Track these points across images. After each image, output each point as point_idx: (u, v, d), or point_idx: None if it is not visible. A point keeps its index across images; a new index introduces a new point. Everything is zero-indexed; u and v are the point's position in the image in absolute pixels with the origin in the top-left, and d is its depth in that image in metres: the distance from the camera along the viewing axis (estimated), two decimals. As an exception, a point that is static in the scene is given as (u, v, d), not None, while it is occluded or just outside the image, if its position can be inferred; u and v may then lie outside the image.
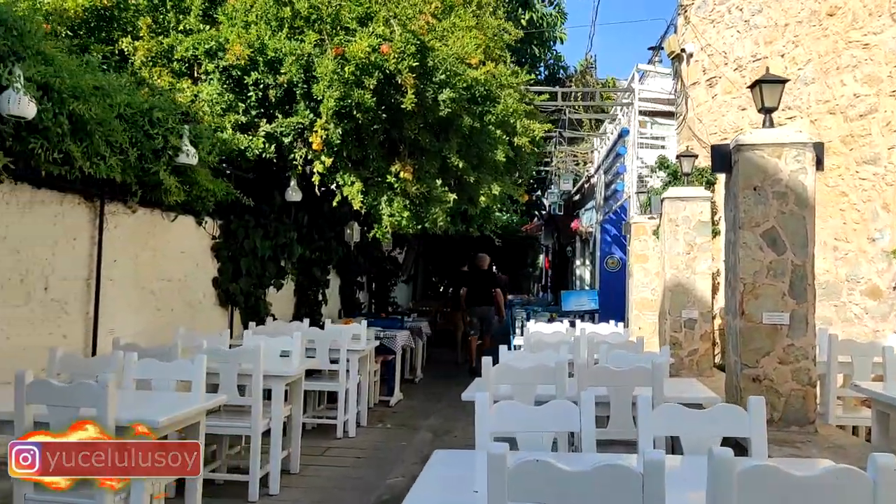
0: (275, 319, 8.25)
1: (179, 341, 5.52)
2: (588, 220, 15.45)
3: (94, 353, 5.41)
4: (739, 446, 2.85)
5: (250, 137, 6.91)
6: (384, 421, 8.01)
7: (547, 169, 15.71)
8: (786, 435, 4.43)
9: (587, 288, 16.89)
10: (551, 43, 17.00)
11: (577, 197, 16.17)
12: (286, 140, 7.04)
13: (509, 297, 17.66)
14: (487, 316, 11.65)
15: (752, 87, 4.86)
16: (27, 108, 3.76)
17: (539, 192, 20.83)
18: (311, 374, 7.18)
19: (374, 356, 8.63)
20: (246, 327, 7.45)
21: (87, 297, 5.45)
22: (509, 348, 13.01)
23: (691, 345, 7.54)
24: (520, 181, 9.39)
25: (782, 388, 4.51)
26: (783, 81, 4.83)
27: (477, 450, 2.83)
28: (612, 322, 8.59)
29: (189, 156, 5.44)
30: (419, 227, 7.66)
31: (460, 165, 7.48)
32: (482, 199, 7.99)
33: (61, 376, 4.47)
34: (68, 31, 6.73)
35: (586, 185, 16.24)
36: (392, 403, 8.91)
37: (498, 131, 7.75)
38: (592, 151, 14.77)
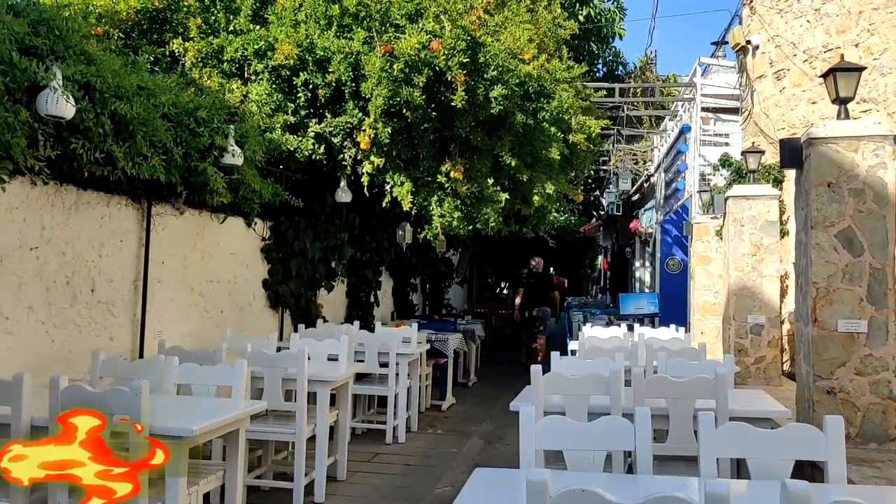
0: (325, 322, 8.15)
1: (225, 344, 5.44)
2: (647, 221, 15.01)
3: (141, 356, 5.37)
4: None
5: (300, 138, 6.82)
6: (435, 426, 7.83)
7: (605, 168, 15.32)
8: (864, 453, 4.09)
9: (647, 290, 16.43)
10: (610, 39, 16.60)
11: (636, 197, 15.73)
12: (335, 140, 6.93)
13: (567, 298, 17.46)
14: (544, 317, 11.80)
15: (825, 75, 4.51)
16: (65, 108, 3.69)
17: (597, 192, 20.41)
18: (361, 377, 7.06)
19: (426, 359, 8.47)
20: (296, 330, 7.37)
21: (135, 299, 5.42)
22: (565, 352, 12.74)
23: (758, 352, 7.15)
24: (575, 180, 9.09)
25: (859, 401, 4.16)
26: (860, 70, 4.48)
27: (521, 468, 2.62)
28: (672, 327, 8.25)
29: (235, 156, 5.35)
30: (470, 227, 7.46)
31: (513, 164, 7.25)
32: (536, 198, 7.74)
33: (104, 381, 4.43)
34: (120, 34, 6.74)
35: (646, 185, 15.79)
36: (444, 408, 8.73)
37: (552, 128, 7.49)
38: (652, 150, 14.31)
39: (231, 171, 5.51)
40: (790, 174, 8.69)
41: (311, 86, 6.75)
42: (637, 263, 17.22)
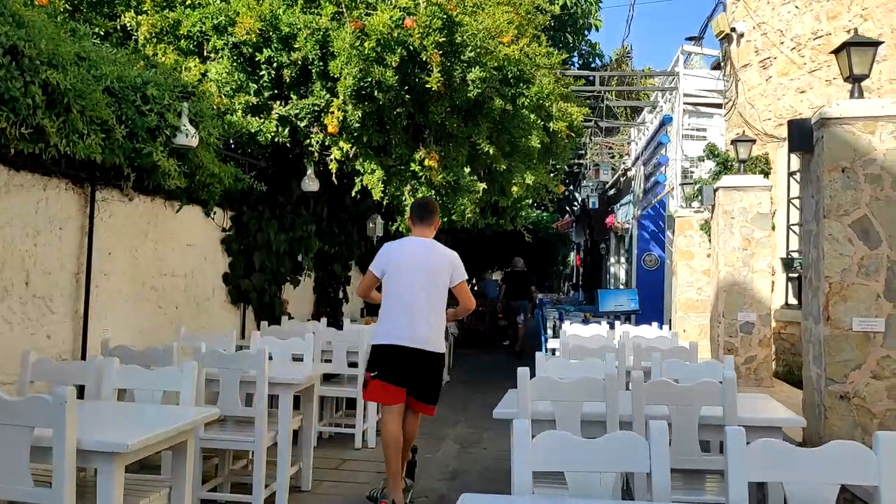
0: (291, 319, 7.68)
1: (178, 343, 4.95)
2: (624, 216, 14.71)
3: (83, 357, 4.86)
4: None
5: (262, 120, 6.34)
6: (407, 429, 7.39)
7: (580, 162, 14.96)
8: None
9: (622, 287, 16.16)
10: (586, 31, 16.24)
11: (612, 192, 15.41)
12: (301, 124, 6.47)
13: (538, 296, 17.27)
14: (524, 308, 13.82)
15: (837, 51, 4.16)
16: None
17: (571, 187, 20.08)
18: (328, 378, 6.61)
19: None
20: (259, 327, 6.90)
21: (76, 293, 4.91)
22: (540, 349, 12.41)
23: (748, 351, 6.82)
24: (555, 171, 8.71)
25: (876, 407, 3.82)
26: (876, 44, 4.13)
27: (514, 495, 2.20)
28: (654, 325, 7.91)
29: (189, 136, 4.86)
30: (445, 219, 7.03)
31: (491, 152, 6.84)
32: (514, 189, 7.34)
33: (37, 385, 3.93)
34: (67, 5, 6.20)
35: (622, 179, 15.48)
36: (416, 409, 8.30)
37: (532, 115, 7.10)
38: (629, 143, 13.97)
39: (185, 154, 5.02)
40: (778, 167, 8.41)
41: (275, 64, 6.28)
42: (612, 259, 16.94)
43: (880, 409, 3.82)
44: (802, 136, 4.09)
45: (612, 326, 8.03)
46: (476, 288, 22.06)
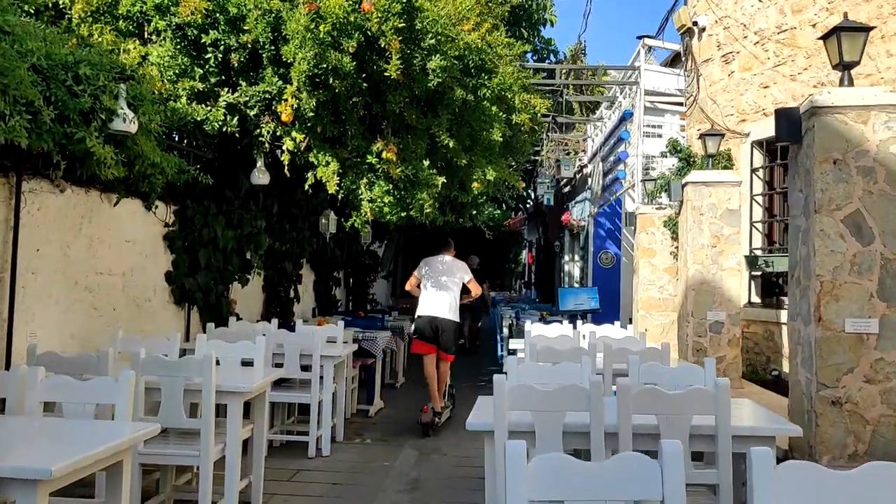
0: (239, 320, 7.26)
1: (114, 348, 4.54)
2: (579, 213, 14.57)
3: (7, 365, 4.40)
4: None
5: (208, 108, 5.91)
6: (363, 435, 7.05)
7: (535, 158, 14.75)
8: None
9: (577, 285, 16.04)
10: (541, 26, 16.05)
11: (566, 189, 15.26)
12: (251, 112, 6.05)
13: (491, 294, 17.17)
14: (477, 306, 13.97)
15: (825, 37, 3.96)
16: None
17: (525, 185, 19.89)
18: (279, 383, 6.23)
19: (353, 361, 7.69)
20: (205, 330, 6.48)
21: (0, 293, 4.44)
22: (498, 347, 12.16)
23: (717, 351, 6.65)
24: (516, 166, 8.44)
25: (869, 413, 3.62)
26: (867, 29, 3.94)
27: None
28: (616, 324, 7.73)
29: (127, 121, 4.43)
30: (404, 214, 6.70)
31: (451, 145, 6.53)
32: (475, 185, 7.04)
33: (-51, 397, 3.48)
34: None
35: (577, 176, 15.34)
36: (372, 413, 7.95)
37: (493, 107, 6.81)
38: (585, 139, 13.81)
39: (123, 141, 4.58)
40: (741, 163, 8.29)
41: (222, 47, 5.86)
42: (567, 257, 16.81)
43: (873, 414, 3.63)
44: (791, 125, 3.88)
45: (574, 326, 7.81)
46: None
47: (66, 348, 4.89)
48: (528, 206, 21.33)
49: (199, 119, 5.77)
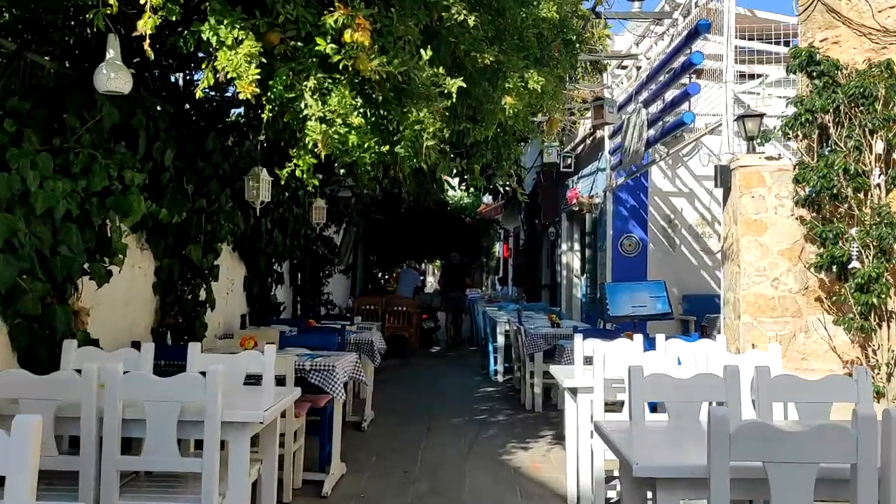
0: (94, 344, 4.15)
1: None
2: (588, 189, 11.64)
3: None
4: None
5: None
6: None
7: (533, 119, 11.68)
8: None
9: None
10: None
11: (569, 161, 12.25)
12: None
13: (467, 292, 14.78)
14: (460, 299, 14.82)
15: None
16: None
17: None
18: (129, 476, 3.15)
19: (295, 406, 4.63)
20: (21, 358, 3.44)
21: None
22: (490, 360, 9.20)
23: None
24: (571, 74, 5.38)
25: None
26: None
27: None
28: (718, 338, 4.88)
29: None
30: (385, 149, 3.66)
31: (469, 23, 3.56)
32: (507, 100, 4.01)
33: None
34: None
35: (582, 147, 12.39)
36: (326, 490, 4.88)
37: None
38: (603, 89, 10.53)
39: None
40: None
41: None
42: (564, 246, 13.88)
43: None
44: None
45: (647, 341, 4.89)
46: (391, 286, 18.55)
47: None
48: (506, 188, 18.18)
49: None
